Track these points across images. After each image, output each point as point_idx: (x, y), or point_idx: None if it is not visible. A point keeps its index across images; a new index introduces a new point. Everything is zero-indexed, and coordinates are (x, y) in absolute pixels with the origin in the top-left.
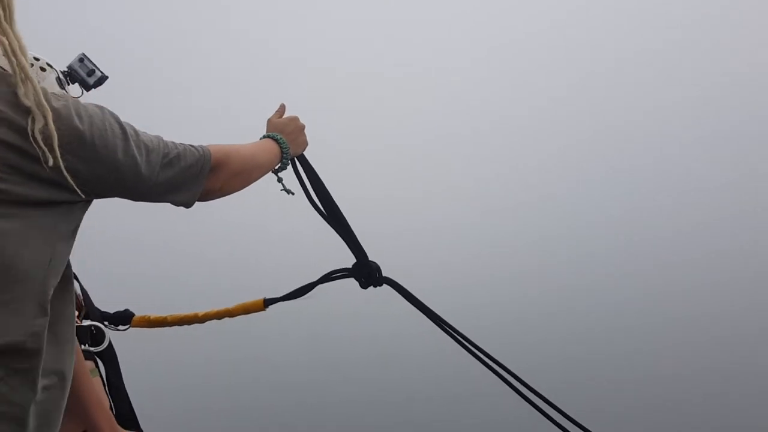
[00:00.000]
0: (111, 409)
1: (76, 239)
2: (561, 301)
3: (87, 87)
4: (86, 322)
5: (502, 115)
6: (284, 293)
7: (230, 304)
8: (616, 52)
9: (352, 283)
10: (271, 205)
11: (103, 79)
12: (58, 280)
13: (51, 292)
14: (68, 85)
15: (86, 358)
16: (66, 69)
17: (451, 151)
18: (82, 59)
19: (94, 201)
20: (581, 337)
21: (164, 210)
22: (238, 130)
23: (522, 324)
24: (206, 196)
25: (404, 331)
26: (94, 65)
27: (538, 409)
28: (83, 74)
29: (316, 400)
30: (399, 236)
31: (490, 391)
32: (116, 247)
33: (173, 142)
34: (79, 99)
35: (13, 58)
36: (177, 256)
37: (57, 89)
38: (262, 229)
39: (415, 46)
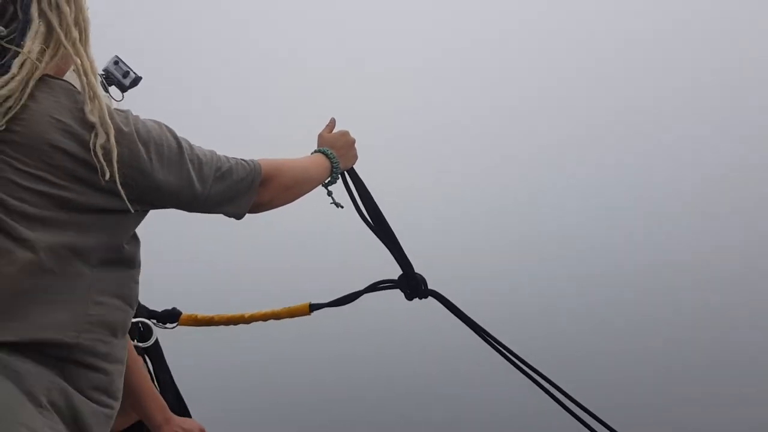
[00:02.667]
0: None
1: None
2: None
3: (123, 88)
4: (133, 320)
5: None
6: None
7: (275, 306)
8: (615, 43)
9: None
10: (316, 212)
11: (137, 80)
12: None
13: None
14: (108, 87)
15: None
16: (102, 72)
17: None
18: (116, 62)
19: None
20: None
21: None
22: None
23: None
24: (257, 208)
25: (443, 332)
26: (128, 67)
27: (582, 423)
28: (119, 76)
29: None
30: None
31: (530, 397)
32: (167, 249)
33: (225, 156)
34: (131, 111)
35: (84, 78)
36: (224, 259)
37: (102, 92)
38: (308, 236)
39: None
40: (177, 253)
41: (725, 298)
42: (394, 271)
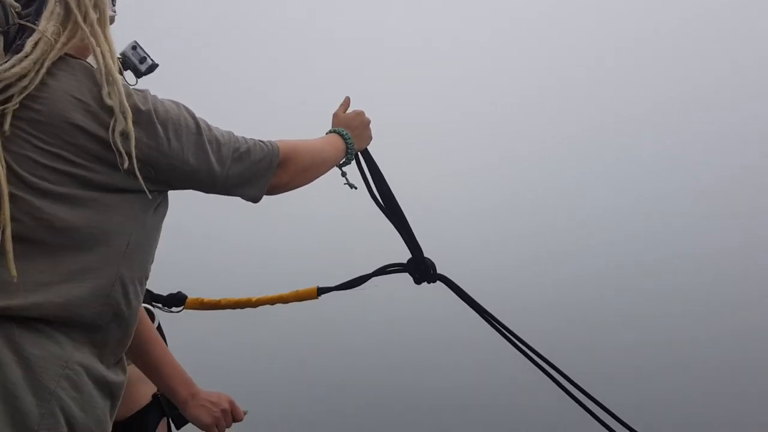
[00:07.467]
0: None
1: None
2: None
3: (138, 74)
4: None
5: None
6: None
7: (281, 290)
8: (623, 42)
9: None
10: (327, 194)
11: (153, 66)
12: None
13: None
14: (123, 71)
15: None
16: (119, 56)
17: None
18: (135, 47)
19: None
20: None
21: (218, 200)
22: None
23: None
24: (274, 190)
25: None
26: (146, 53)
27: (591, 414)
28: (135, 61)
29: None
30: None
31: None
32: (173, 234)
33: (243, 137)
34: (149, 91)
35: (101, 60)
36: (229, 243)
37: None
38: (313, 218)
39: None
40: (183, 236)
41: (730, 297)
42: (403, 255)
